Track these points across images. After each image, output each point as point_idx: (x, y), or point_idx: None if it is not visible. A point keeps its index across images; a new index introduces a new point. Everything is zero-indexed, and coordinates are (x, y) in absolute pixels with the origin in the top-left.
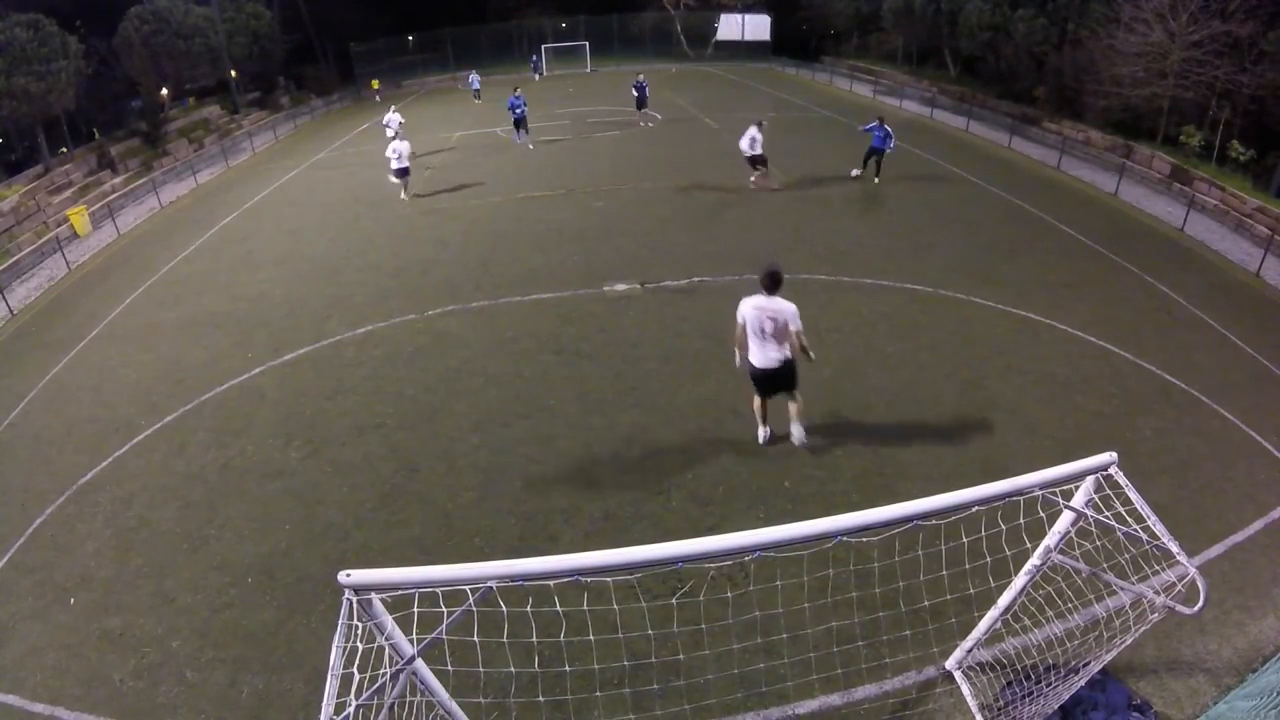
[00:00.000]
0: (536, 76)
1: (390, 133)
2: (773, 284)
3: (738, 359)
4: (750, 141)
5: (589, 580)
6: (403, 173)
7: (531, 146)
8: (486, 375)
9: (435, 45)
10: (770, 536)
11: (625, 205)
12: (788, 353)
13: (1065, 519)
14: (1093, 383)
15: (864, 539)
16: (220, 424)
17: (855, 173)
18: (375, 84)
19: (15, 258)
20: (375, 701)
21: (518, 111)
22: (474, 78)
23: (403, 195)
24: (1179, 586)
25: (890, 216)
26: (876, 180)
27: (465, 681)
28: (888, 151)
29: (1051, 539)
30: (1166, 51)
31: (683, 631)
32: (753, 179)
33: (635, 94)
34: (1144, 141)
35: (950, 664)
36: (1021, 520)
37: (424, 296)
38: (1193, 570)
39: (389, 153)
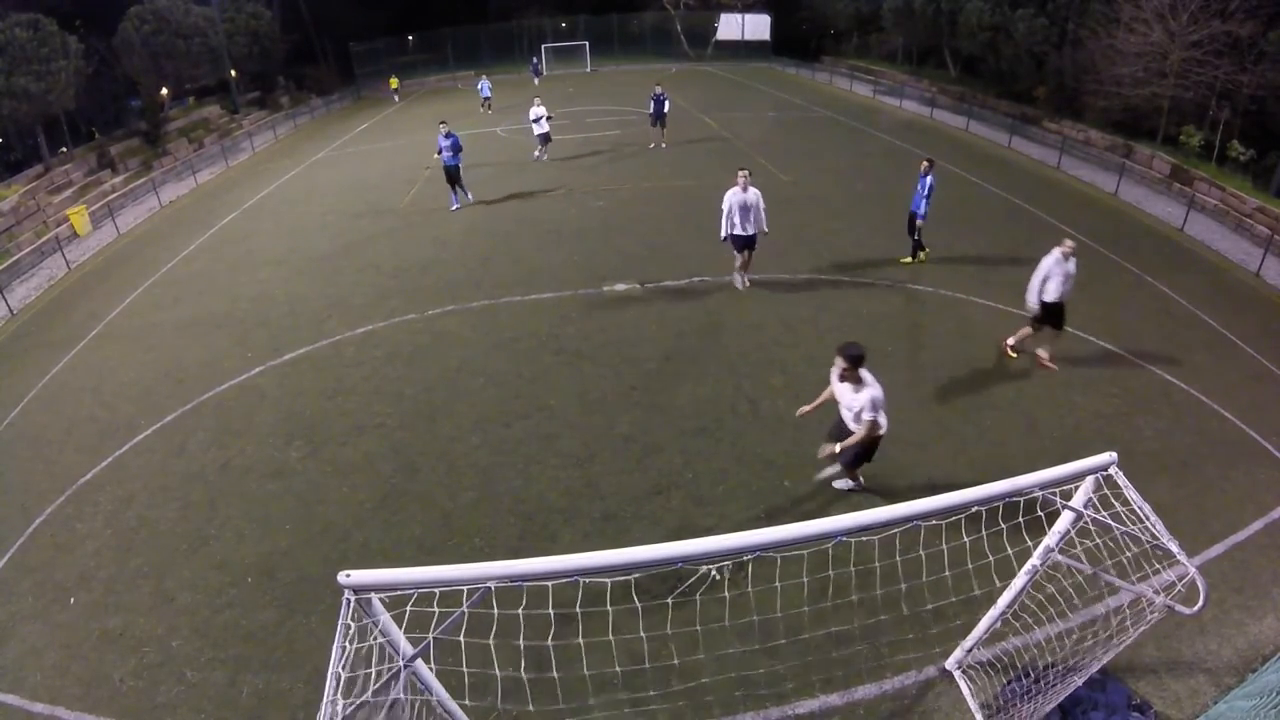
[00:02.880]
0: (536, 80)
1: (540, 129)
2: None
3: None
4: (1045, 283)
5: (587, 581)
6: (745, 244)
7: (457, 207)
8: (486, 375)
9: (435, 45)
10: (770, 537)
11: (625, 205)
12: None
13: (1065, 519)
14: (1092, 383)
15: (864, 538)
16: (220, 424)
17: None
18: (394, 82)
19: (15, 257)
20: (374, 700)
21: (448, 157)
22: (484, 84)
23: (739, 283)
24: (1179, 586)
25: (890, 216)
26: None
27: (465, 681)
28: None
29: (1051, 539)
30: (1166, 51)
31: (682, 633)
32: (1013, 341)
33: (653, 107)
34: (1144, 141)
35: (950, 664)
36: (1021, 520)
37: (424, 296)
38: (1192, 570)
39: (727, 209)
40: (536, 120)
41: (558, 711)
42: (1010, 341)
